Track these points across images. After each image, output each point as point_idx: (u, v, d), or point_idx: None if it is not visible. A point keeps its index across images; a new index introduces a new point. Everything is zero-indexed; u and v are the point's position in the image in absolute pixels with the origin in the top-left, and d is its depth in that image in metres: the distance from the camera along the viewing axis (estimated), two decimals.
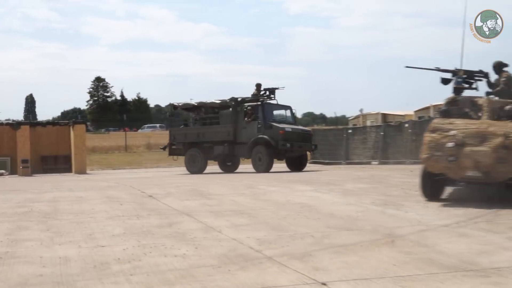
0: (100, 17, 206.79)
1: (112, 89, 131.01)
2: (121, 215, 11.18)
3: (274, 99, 26.92)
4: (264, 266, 6.92)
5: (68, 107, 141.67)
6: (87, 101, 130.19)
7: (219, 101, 27.84)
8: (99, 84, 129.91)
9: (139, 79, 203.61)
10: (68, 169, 26.98)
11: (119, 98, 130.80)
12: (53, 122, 32.34)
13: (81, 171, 26.46)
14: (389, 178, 18.18)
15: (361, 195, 13.84)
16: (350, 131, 37.59)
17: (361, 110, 52.30)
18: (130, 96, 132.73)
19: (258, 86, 27.00)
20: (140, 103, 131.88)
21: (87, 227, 9.81)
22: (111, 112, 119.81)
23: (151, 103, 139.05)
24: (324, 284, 6.10)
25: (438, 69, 14.36)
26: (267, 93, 26.68)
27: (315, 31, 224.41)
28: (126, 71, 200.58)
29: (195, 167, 26.94)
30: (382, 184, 16.34)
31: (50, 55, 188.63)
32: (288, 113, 27.87)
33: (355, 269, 6.67)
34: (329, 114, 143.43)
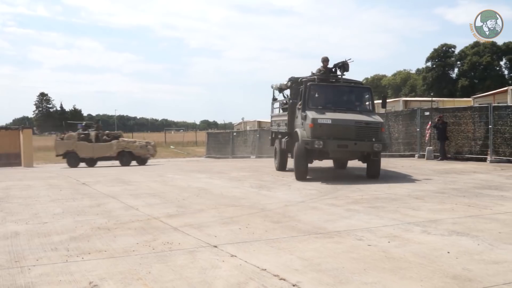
0: (43, 47, 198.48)
1: (54, 102, 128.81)
2: (61, 198, 10.80)
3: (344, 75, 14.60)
4: (171, 234, 6.86)
5: (18, 115, 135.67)
6: (33, 111, 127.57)
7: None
8: (43, 98, 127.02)
9: (75, 94, 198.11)
10: (18, 164, 25.84)
11: (59, 108, 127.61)
12: (5, 127, 31.36)
13: (29, 165, 25.43)
14: (263, 168, 18.42)
15: (243, 180, 13.96)
16: (235, 133, 37.96)
17: (243, 118, 52.70)
18: (67, 107, 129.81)
19: (325, 60, 14.98)
20: (76, 112, 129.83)
21: (33, 208, 9.40)
22: (52, 119, 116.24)
23: (85, 113, 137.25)
24: (215, 246, 6.12)
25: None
26: (336, 69, 14.84)
27: (210, 60, 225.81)
28: (64, 88, 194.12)
29: (276, 163, 17.31)
30: (258, 172, 16.54)
31: (3, 75, 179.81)
32: (363, 95, 14.91)
33: (238, 235, 6.73)
34: (219, 121, 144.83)
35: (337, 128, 12.96)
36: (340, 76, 14.62)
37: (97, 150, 26.32)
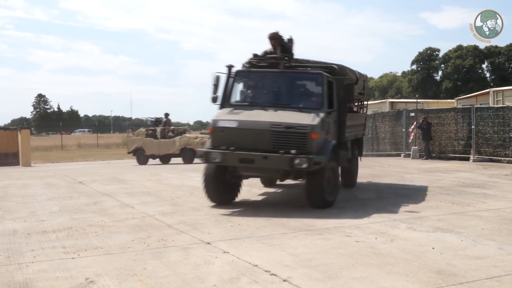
0: (41, 49, 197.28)
1: (51, 103, 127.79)
2: (58, 197, 10.73)
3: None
4: (165, 231, 6.84)
5: (16, 116, 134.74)
6: (31, 112, 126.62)
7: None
8: (41, 99, 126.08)
9: (72, 96, 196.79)
10: (16, 163, 25.63)
11: (56, 109, 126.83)
12: (4, 128, 31.10)
13: (27, 164, 25.22)
14: None
15: None
16: None
17: None
18: (65, 108, 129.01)
19: (273, 38, 9.45)
20: (73, 113, 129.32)
21: (31, 207, 9.33)
22: (50, 120, 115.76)
23: (81, 113, 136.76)
24: (208, 243, 6.11)
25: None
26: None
27: (203, 63, 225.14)
28: (62, 90, 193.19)
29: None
30: None
31: (2, 77, 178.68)
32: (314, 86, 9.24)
33: (231, 232, 6.72)
34: None
35: (244, 134, 8.33)
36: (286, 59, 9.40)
37: (162, 147, 24.09)
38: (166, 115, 25.99)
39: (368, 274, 4.74)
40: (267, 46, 9.68)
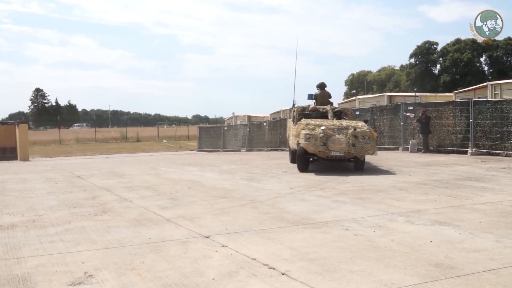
0: (38, 43, 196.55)
1: (49, 97, 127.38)
2: (56, 191, 10.73)
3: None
4: (164, 225, 6.85)
5: (14, 110, 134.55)
6: (29, 106, 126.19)
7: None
8: (38, 94, 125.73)
9: (70, 90, 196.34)
10: (14, 158, 25.59)
11: (54, 104, 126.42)
12: (1, 122, 31.03)
13: (25, 159, 25.19)
14: (253, 161, 18.42)
15: (234, 173, 13.94)
16: (225, 128, 37.82)
17: (233, 113, 52.48)
18: (62, 103, 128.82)
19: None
20: (71, 107, 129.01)
21: (29, 201, 9.33)
22: (48, 114, 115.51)
23: (79, 108, 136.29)
24: (207, 237, 6.12)
25: None
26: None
27: (201, 57, 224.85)
28: (59, 84, 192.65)
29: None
30: (248, 165, 16.53)
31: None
32: None
33: (229, 226, 6.72)
34: (211, 116, 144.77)
35: None
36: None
37: None
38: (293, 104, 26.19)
39: (366, 267, 4.75)
40: (265, 40, 10.02)
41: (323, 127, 13.00)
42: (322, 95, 16.13)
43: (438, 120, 19.77)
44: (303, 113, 15.14)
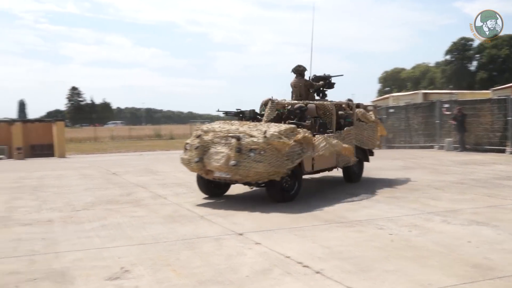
0: (73, 43, 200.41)
1: (84, 95, 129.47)
2: (92, 187, 10.92)
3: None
4: (197, 222, 6.90)
5: (51, 108, 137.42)
6: (65, 104, 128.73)
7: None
8: (74, 92, 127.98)
9: (105, 88, 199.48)
10: (51, 154, 26.14)
11: (89, 102, 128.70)
12: (39, 120, 31.81)
13: (62, 155, 25.71)
14: None
15: None
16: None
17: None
18: (97, 100, 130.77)
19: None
20: (105, 105, 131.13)
21: (66, 197, 9.52)
22: (83, 112, 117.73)
23: (114, 106, 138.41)
24: (240, 234, 6.14)
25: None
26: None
27: (232, 55, 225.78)
28: (94, 82, 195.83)
29: None
30: None
31: (36, 70, 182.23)
32: None
33: (263, 224, 6.73)
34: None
35: None
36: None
37: None
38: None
39: (401, 267, 4.68)
40: (294, 37, 9.64)
41: (208, 136, 8.51)
42: (295, 85, 10.81)
43: (475, 118, 19.32)
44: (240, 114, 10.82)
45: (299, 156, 8.28)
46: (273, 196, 8.40)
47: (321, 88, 11.08)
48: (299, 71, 10.78)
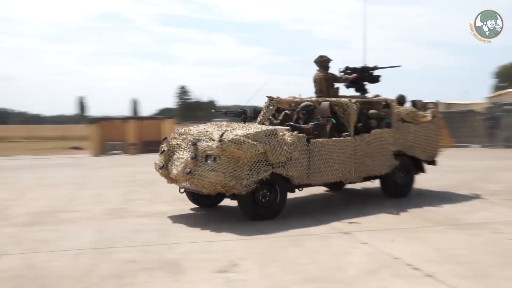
0: (182, 43, 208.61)
1: (192, 94, 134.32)
2: None
3: None
4: (304, 219, 6.88)
5: (162, 106, 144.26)
6: (176, 102, 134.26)
7: None
8: (183, 90, 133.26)
9: (211, 86, 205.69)
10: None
11: (196, 100, 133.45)
12: (151, 117, 33.18)
13: None
14: None
15: None
16: None
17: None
18: (204, 98, 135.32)
19: None
20: (211, 103, 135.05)
21: (176, 191, 9.88)
22: (191, 110, 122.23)
23: (219, 104, 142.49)
24: (347, 233, 6.06)
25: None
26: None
27: (336, 52, 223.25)
28: (201, 81, 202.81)
29: None
30: None
31: (148, 70, 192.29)
32: None
33: (370, 223, 6.60)
34: None
35: None
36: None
37: None
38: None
39: None
40: (401, 32, 9.02)
41: (183, 137, 7.58)
42: (316, 79, 9.21)
43: None
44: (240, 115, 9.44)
45: (269, 167, 6.70)
46: (243, 210, 6.94)
47: (359, 82, 9.27)
48: (320, 62, 9.11)
